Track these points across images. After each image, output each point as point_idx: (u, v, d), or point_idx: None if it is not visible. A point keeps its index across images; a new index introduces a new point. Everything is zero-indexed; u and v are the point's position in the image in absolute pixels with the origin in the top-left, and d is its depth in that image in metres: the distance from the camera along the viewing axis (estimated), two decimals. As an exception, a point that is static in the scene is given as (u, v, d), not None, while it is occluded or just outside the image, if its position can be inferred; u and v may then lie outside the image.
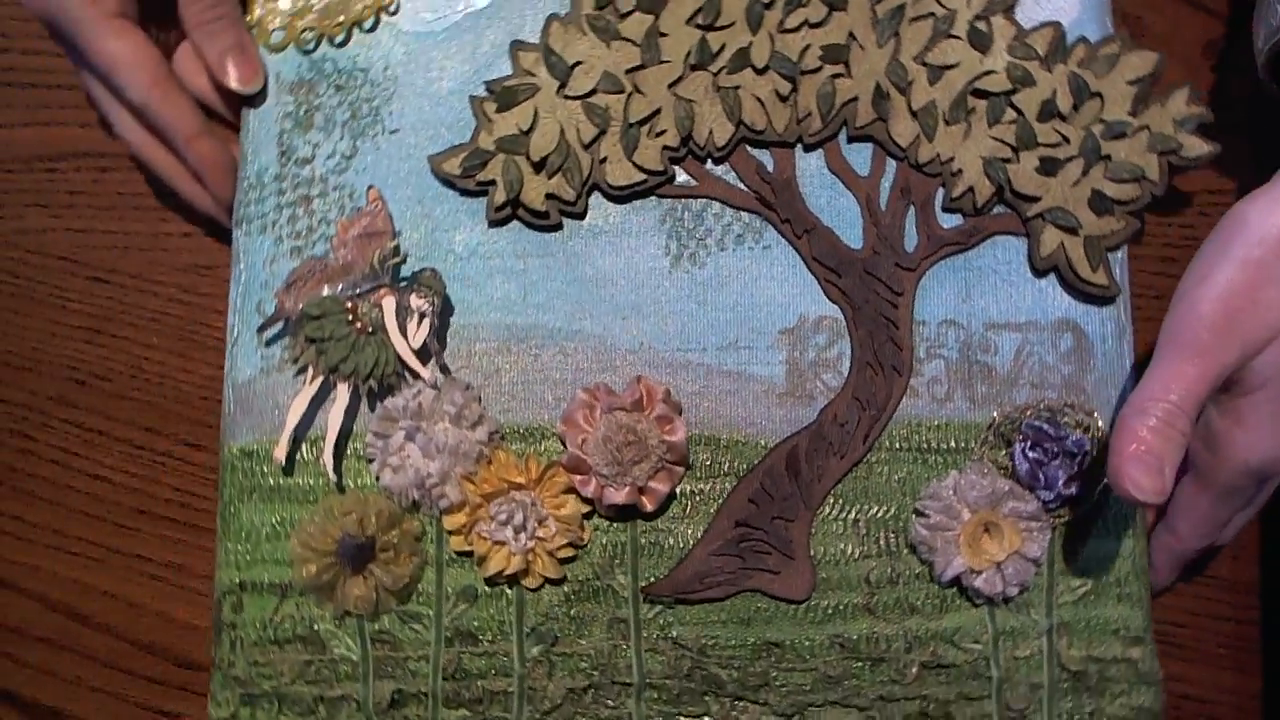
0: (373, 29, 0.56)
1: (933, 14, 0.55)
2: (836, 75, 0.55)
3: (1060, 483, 0.52)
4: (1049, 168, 0.55)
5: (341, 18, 0.55)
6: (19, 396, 0.62)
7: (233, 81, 0.54)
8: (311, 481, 0.54)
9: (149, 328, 0.61)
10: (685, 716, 0.53)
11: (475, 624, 0.53)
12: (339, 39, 0.56)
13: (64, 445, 0.61)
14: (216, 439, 0.58)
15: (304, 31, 0.56)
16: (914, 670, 0.53)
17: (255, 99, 0.55)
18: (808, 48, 0.55)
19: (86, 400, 0.61)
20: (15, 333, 0.62)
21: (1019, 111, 0.55)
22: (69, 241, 0.62)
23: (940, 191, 0.56)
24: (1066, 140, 0.55)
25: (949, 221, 0.56)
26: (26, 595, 0.61)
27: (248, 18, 0.56)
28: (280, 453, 0.53)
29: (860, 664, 0.53)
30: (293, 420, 0.53)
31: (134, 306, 0.61)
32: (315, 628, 0.53)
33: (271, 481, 0.54)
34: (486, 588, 0.53)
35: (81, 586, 0.61)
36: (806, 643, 0.53)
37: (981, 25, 0.55)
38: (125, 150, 0.60)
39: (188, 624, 0.60)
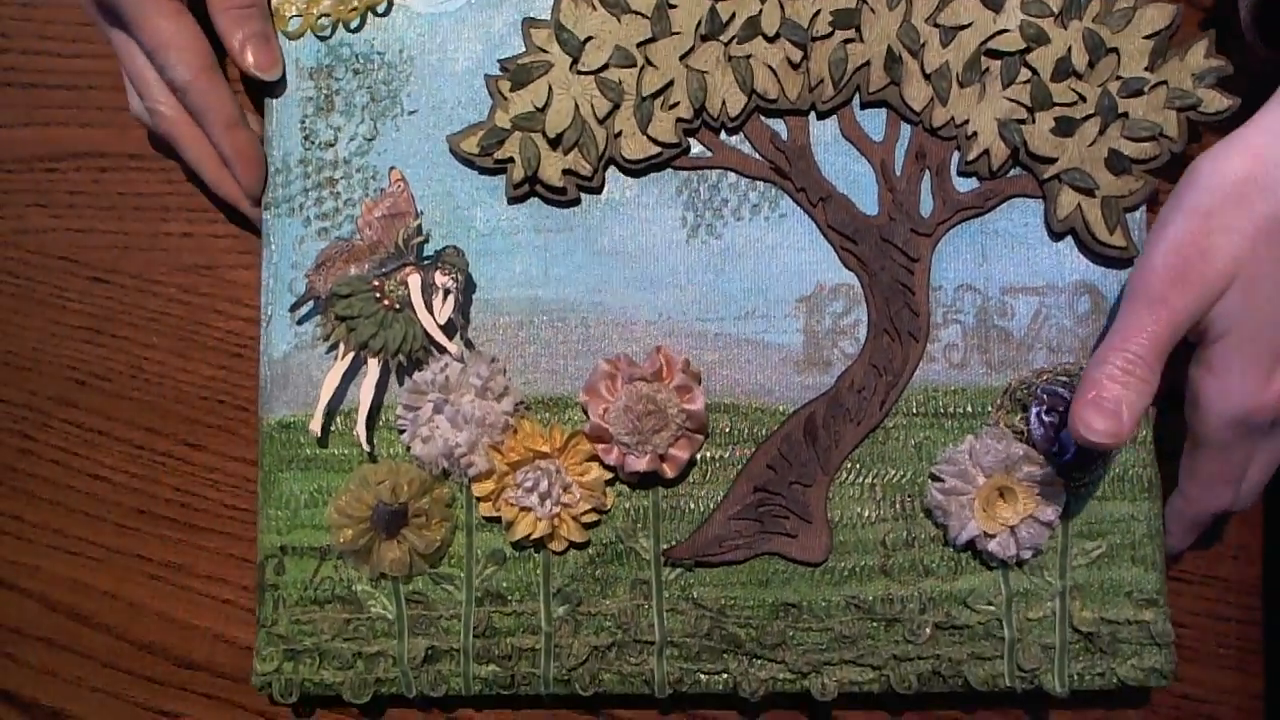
0: (386, 12, 0.57)
1: (945, -27, 0.55)
2: (848, 40, 0.55)
3: (1075, 447, 0.53)
4: (1065, 128, 0.54)
5: (356, 2, 0.57)
6: (19, 396, 0.62)
7: (252, 67, 0.56)
8: (346, 452, 0.56)
9: (149, 328, 0.62)
10: (704, 674, 0.55)
11: (504, 585, 0.56)
12: (354, 24, 0.57)
13: (64, 445, 0.62)
14: (216, 439, 0.61)
15: (320, 18, 0.57)
16: (928, 631, 0.54)
17: (274, 88, 0.57)
18: (818, 13, 0.55)
19: (86, 400, 0.62)
20: (15, 333, 0.62)
21: (1033, 71, 0.55)
22: (69, 241, 0.62)
23: (955, 155, 0.56)
24: (1082, 99, 0.54)
25: (965, 185, 0.56)
26: (26, 595, 0.62)
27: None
28: (315, 425, 0.55)
29: (875, 624, 0.54)
30: (326, 394, 0.56)
31: (134, 306, 0.62)
32: (353, 588, 0.56)
33: (308, 452, 0.57)
34: (514, 551, 0.56)
35: (81, 586, 0.61)
36: (823, 603, 0.55)
37: (994, -17, 0.55)
38: (125, 150, 0.61)
39: (188, 624, 0.61)
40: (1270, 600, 0.58)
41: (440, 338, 0.55)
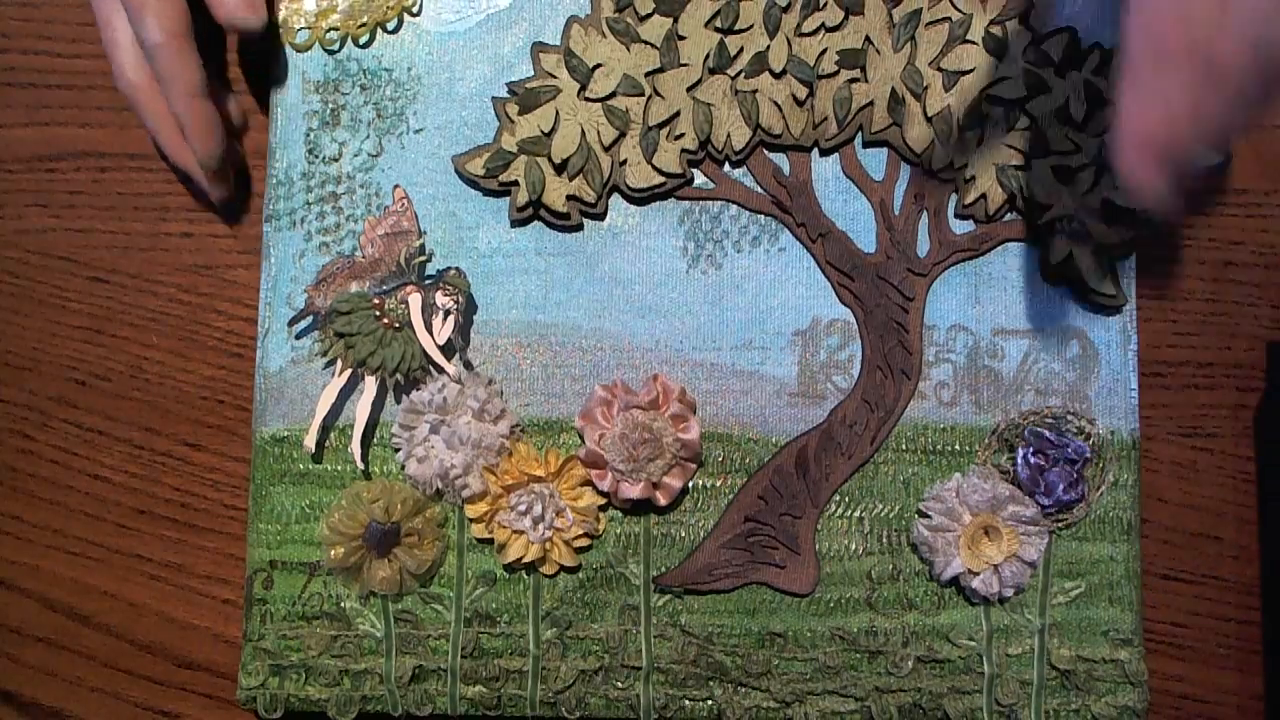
0: (396, 30, 0.57)
1: (949, 19, 0.56)
2: (853, 80, 0.56)
3: (1060, 489, 0.54)
4: (1061, 176, 0.56)
5: (365, 18, 0.57)
6: (19, 396, 0.62)
7: (231, 12, 0.54)
8: (339, 468, 0.56)
9: (149, 328, 0.61)
10: (689, 700, 0.55)
11: (493, 606, 0.56)
12: (363, 39, 0.57)
13: (64, 445, 0.62)
14: (216, 439, 0.60)
15: (328, 31, 0.57)
16: (909, 664, 0.55)
17: (279, 94, 0.57)
18: (824, 52, 0.56)
19: (86, 400, 0.62)
20: (15, 333, 0.62)
21: (1032, 119, 0.56)
22: (69, 241, 0.62)
23: (953, 197, 0.57)
24: (1079, 148, 0.56)
25: (961, 227, 0.57)
26: (26, 595, 0.61)
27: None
28: (310, 441, 0.55)
29: (858, 656, 0.55)
30: (322, 410, 0.56)
31: (134, 306, 0.61)
32: (342, 605, 0.56)
33: (301, 467, 0.57)
34: (505, 573, 0.56)
35: (81, 586, 0.61)
36: (808, 634, 0.56)
37: (997, 31, 0.56)
38: (125, 150, 0.61)
39: (188, 624, 0.61)
40: (1270, 600, 0.59)
41: (439, 358, 0.55)
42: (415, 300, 0.56)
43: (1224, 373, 0.59)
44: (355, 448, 0.56)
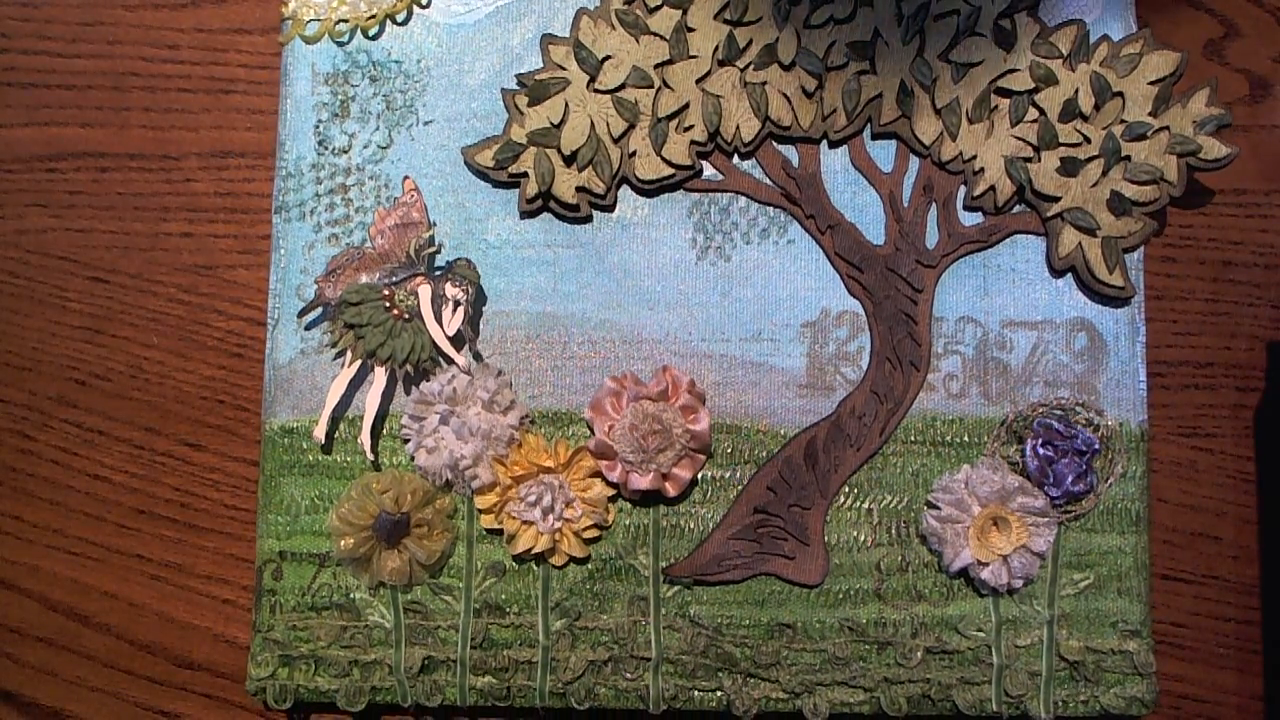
0: (405, 21, 0.57)
1: (957, 11, 0.56)
2: (862, 72, 0.56)
3: (1068, 480, 0.54)
4: (1069, 168, 0.56)
5: (375, 10, 0.57)
6: (19, 396, 0.62)
7: None
8: (349, 459, 0.57)
9: (149, 328, 0.62)
10: (699, 691, 0.56)
11: (503, 597, 0.56)
12: (373, 31, 0.57)
13: (64, 445, 0.62)
14: (216, 439, 0.60)
15: (338, 24, 0.57)
16: (919, 655, 0.55)
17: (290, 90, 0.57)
18: (833, 44, 0.56)
19: (86, 400, 0.62)
20: (15, 333, 0.62)
21: (1041, 111, 0.56)
22: (69, 241, 0.62)
23: (962, 189, 0.57)
24: (1087, 140, 0.56)
25: (970, 219, 0.57)
26: (26, 595, 0.62)
27: (283, 9, 0.57)
28: (320, 432, 0.56)
29: (868, 647, 0.55)
30: (332, 401, 0.56)
31: (134, 306, 0.62)
32: (351, 596, 0.56)
33: (311, 458, 0.57)
34: (514, 564, 0.56)
35: (81, 586, 0.61)
36: (817, 625, 0.56)
37: (1005, 23, 0.56)
38: (125, 150, 0.61)
39: (188, 624, 0.61)
40: (1269, 600, 0.59)
41: (448, 349, 0.56)
42: (425, 291, 0.56)
43: (1224, 373, 0.59)
44: (365, 438, 0.56)
